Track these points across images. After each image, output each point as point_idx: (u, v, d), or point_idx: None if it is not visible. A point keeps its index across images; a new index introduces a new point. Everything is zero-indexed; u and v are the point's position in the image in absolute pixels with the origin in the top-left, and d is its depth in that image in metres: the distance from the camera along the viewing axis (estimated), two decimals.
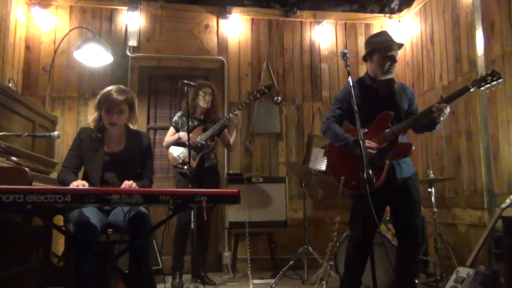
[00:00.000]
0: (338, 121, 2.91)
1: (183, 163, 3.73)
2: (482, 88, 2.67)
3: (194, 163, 3.73)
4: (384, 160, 2.70)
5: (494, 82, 2.64)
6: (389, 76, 2.84)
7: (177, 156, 3.82)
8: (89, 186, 2.50)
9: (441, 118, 2.66)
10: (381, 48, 2.81)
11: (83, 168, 2.77)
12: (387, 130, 2.72)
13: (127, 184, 2.51)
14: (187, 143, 3.38)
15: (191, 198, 1.99)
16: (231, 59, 5.14)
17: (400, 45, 2.90)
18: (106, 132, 2.76)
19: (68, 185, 2.46)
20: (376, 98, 2.85)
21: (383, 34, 2.93)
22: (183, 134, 3.68)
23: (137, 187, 2.53)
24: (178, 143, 3.82)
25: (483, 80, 2.65)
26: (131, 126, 2.89)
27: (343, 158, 2.85)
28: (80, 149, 2.73)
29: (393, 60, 2.81)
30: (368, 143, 2.64)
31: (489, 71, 2.67)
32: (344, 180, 2.80)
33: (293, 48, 5.29)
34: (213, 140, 3.95)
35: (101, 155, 2.71)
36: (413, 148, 2.72)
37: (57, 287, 3.31)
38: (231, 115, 3.89)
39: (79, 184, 2.45)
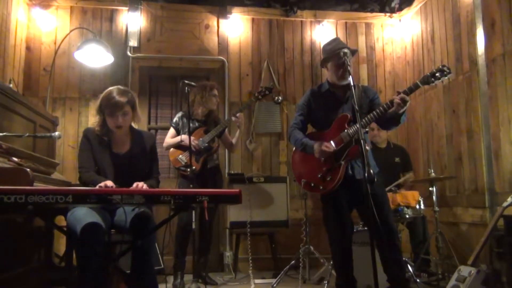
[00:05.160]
0: (301, 127, 3.09)
1: (186, 165, 3.69)
2: (432, 84, 2.77)
3: (198, 166, 3.72)
4: (339, 161, 2.81)
5: (445, 77, 2.73)
6: (344, 82, 2.90)
7: (179, 158, 3.80)
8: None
9: (402, 109, 2.69)
10: (332, 56, 2.91)
11: None
12: (343, 132, 2.83)
13: (139, 185, 2.52)
14: (190, 146, 3.38)
15: (193, 198, 1.99)
16: (232, 59, 5.14)
17: (354, 51, 3.00)
18: (111, 134, 2.75)
19: (96, 185, 2.47)
20: (334, 101, 2.99)
21: (335, 42, 3.01)
22: (185, 137, 3.59)
23: (148, 189, 2.54)
24: (180, 146, 3.79)
25: (433, 76, 2.73)
26: (134, 126, 2.90)
27: (304, 161, 3.01)
28: (90, 150, 2.73)
29: (345, 66, 2.82)
30: (325, 145, 2.81)
31: (439, 66, 2.76)
32: (304, 183, 2.96)
33: (294, 47, 5.29)
34: (214, 141, 3.94)
35: (109, 157, 2.71)
36: (366, 147, 2.72)
37: None
38: (233, 118, 3.88)
39: (107, 184, 2.46)
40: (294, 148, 3.15)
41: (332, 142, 2.84)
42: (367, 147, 2.75)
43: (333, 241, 2.93)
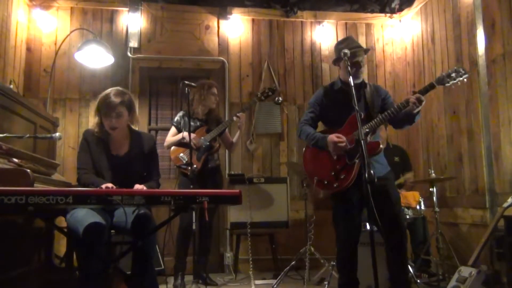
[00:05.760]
0: (311, 124, 3.06)
1: (187, 164, 3.69)
2: (447, 84, 2.76)
3: (199, 164, 3.72)
4: (353, 159, 2.79)
5: (460, 78, 2.72)
6: (357, 81, 2.90)
7: (181, 157, 3.80)
8: None
9: (417, 108, 2.70)
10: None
11: None
12: (356, 131, 2.78)
13: (138, 188, 2.51)
14: (190, 143, 3.38)
15: (193, 198, 1.99)
16: (232, 60, 5.14)
17: (367, 50, 3.02)
18: (110, 135, 2.75)
19: (97, 187, 2.47)
20: (347, 100, 2.91)
21: (348, 41, 3.02)
22: (186, 134, 3.54)
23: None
24: (181, 143, 3.80)
25: (448, 76, 2.74)
26: (134, 128, 2.89)
27: (316, 158, 2.98)
28: (89, 151, 2.73)
29: (358, 66, 2.87)
30: (337, 136, 2.78)
31: (454, 68, 2.76)
32: (317, 180, 2.92)
33: (294, 48, 5.29)
34: (215, 141, 3.94)
35: (108, 158, 2.71)
36: (380, 146, 2.81)
37: None
38: (234, 118, 3.88)
39: (108, 186, 2.46)
40: (305, 146, 3.12)
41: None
42: (381, 146, 2.77)
43: (339, 240, 2.92)
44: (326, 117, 3.07)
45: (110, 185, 2.49)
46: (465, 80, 2.74)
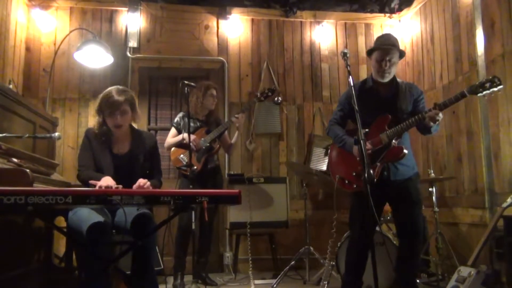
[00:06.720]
0: (340, 122, 3.02)
1: (187, 165, 3.69)
2: (480, 94, 2.61)
3: (199, 166, 3.72)
4: (375, 162, 2.77)
5: (494, 89, 2.57)
6: (383, 79, 2.87)
7: (181, 158, 3.80)
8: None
9: (432, 124, 2.67)
10: (378, 49, 2.87)
11: None
12: (382, 133, 2.79)
13: (142, 182, 2.51)
14: (190, 145, 3.38)
15: (193, 198, 1.99)
16: (232, 60, 5.14)
17: (402, 53, 2.95)
18: (111, 134, 2.75)
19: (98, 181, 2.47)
20: (377, 100, 2.91)
21: (384, 37, 2.98)
22: (187, 136, 3.49)
23: (150, 186, 2.54)
24: (181, 144, 3.79)
25: (481, 86, 2.60)
26: (135, 126, 2.90)
27: (341, 157, 2.97)
28: (91, 149, 2.73)
29: (385, 63, 2.82)
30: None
31: (489, 77, 2.62)
32: (339, 178, 2.91)
33: (293, 48, 5.29)
34: (215, 142, 3.93)
35: (109, 157, 2.71)
36: (404, 151, 2.75)
37: None
38: (233, 119, 3.87)
39: (107, 181, 2.46)
40: (331, 143, 3.12)
41: (368, 142, 2.77)
42: (405, 151, 2.74)
43: (353, 239, 2.93)
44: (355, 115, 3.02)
45: (110, 183, 2.48)
46: (499, 91, 2.57)
